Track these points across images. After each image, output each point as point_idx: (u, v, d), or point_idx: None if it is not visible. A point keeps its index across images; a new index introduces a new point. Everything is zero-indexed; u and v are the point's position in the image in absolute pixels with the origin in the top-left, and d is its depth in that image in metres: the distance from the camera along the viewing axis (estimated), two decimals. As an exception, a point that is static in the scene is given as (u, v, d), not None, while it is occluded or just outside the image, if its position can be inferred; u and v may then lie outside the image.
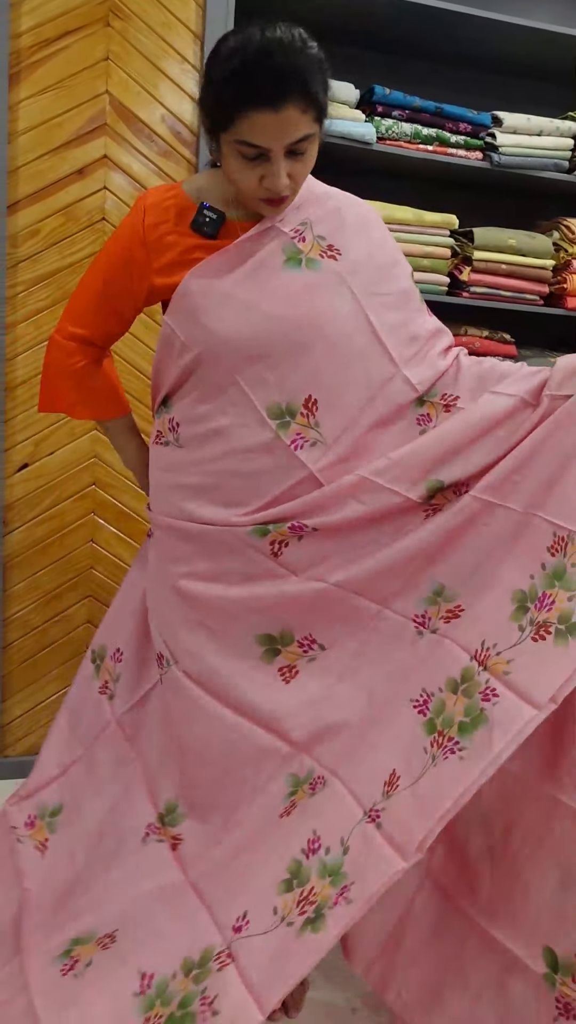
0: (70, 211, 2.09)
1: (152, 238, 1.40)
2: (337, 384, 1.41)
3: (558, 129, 2.44)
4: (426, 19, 2.30)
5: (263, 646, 1.45)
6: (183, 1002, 1.27)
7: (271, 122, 1.24)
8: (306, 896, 1.28)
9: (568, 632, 1.23)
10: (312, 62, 1.27)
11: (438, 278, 2.43)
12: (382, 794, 1.29)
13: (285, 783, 1.40)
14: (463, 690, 1.29)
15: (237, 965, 1.27)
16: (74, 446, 2.19)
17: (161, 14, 2.06)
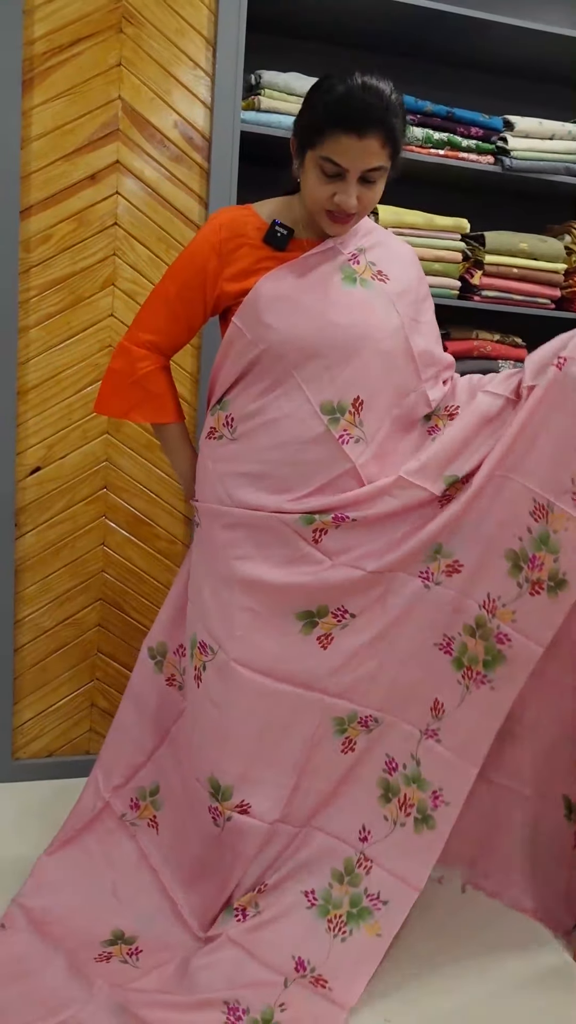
0: (82, 216, 2.10)
1: (226, 249, 1.60)
2: (377, 389, 1.61)
3: (570, 133, 2.44)
4: (438, 24, 2.30)
5: (302, 620, 1.67)
6: (353, 901, 1.67)
7: (354, 146, 1.44)
8: (404, 802, 1.69)
9: (557, 587, 1.57)
10: (396, 108, 1.48)
11: (449, 282, 2.43)
12: (432, 717, 1.67)
13: (331, 724, 1.70)
14: (480, 634, 1.63)
15: (378, 864, 1.68)
16: (86, 450, 2.20)
17: (174, 20, 2.07)
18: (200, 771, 1.71)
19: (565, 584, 1.57)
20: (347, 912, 1.66)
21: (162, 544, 2.31)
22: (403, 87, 2.32)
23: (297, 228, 1.62)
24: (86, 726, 2.36)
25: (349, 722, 1.71)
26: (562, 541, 1.56)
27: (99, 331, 2.16)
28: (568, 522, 1.55)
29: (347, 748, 1.72)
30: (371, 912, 1.66)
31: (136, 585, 2.31)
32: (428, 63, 2.56)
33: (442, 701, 1.67)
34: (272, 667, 1.67)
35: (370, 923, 1.65)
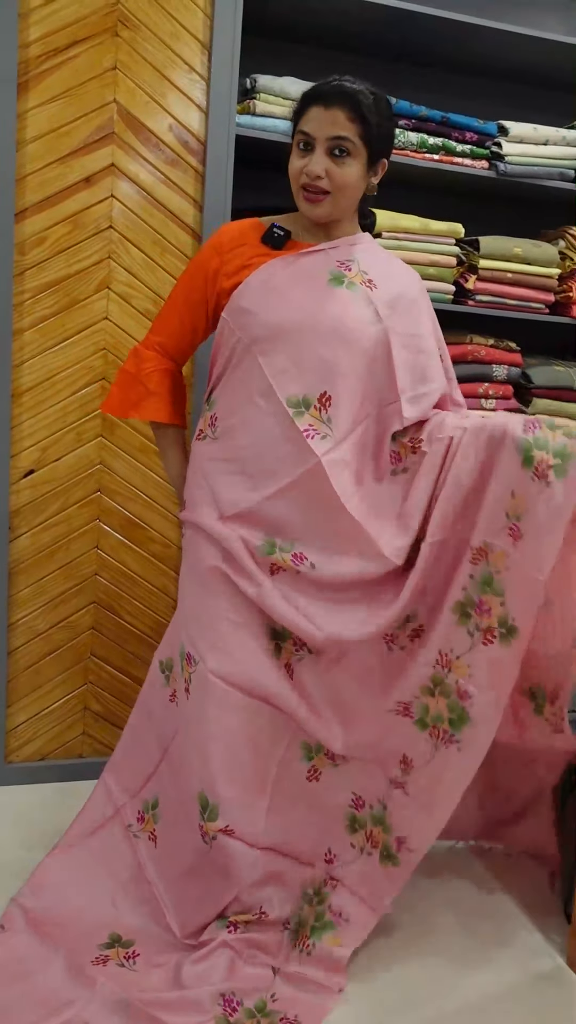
0: (77, 219, 2.10)
1: (226, 249, 1.67)
2: (350, 389, 1.61)
3: (564, 139, 2.45)
4: (432, 29, 2.31)
5: (272, 640, 1.68)
6: (317, 917, 1.69)
7: (320, 115, 1.54)
8: (370, 836, 1.69)
9: (509, 634, 1.52)
10: (370, 95, 1.56)
11: (444, 286, 2.43)
12: (400, 771, 1.65)
13: (299, 748, 1.70)
14: (440, 691, 1.59)
15: (343, 885, 1.71)
16: (80, 452, 2.20)
17: (169, 24, 2.07)
18: (191, 787, 1.69)
19: (516, 632, 1.51)
20: (312, 926, 1.68)
21: (156, 548, 2.31)
22: (398, 92, 2.35)
23: (296, 233, 1.67)
24: (79, 729, 2.35)
25: (316, 751, 1.71)
26: (506, 582, 1.50)
27: (93, 334, 2.16)
28: (508, 558, 1.49)
29: (312, 777, 1.72)
30: (333, 925, 1.68)
31: (130, 588, 2.31)
32: (423, 68, 2.57)
33: (411, 757, 1.64)
34: (249, 682, 1.65)
35: (332, 934, 1.68)
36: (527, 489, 1.47)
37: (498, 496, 1.50)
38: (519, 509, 1.47)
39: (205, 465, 1.70)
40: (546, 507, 1.45)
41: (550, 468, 1.45)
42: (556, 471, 1.44)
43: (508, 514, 1.49)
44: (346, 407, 1.61)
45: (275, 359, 1.60)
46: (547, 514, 1.45)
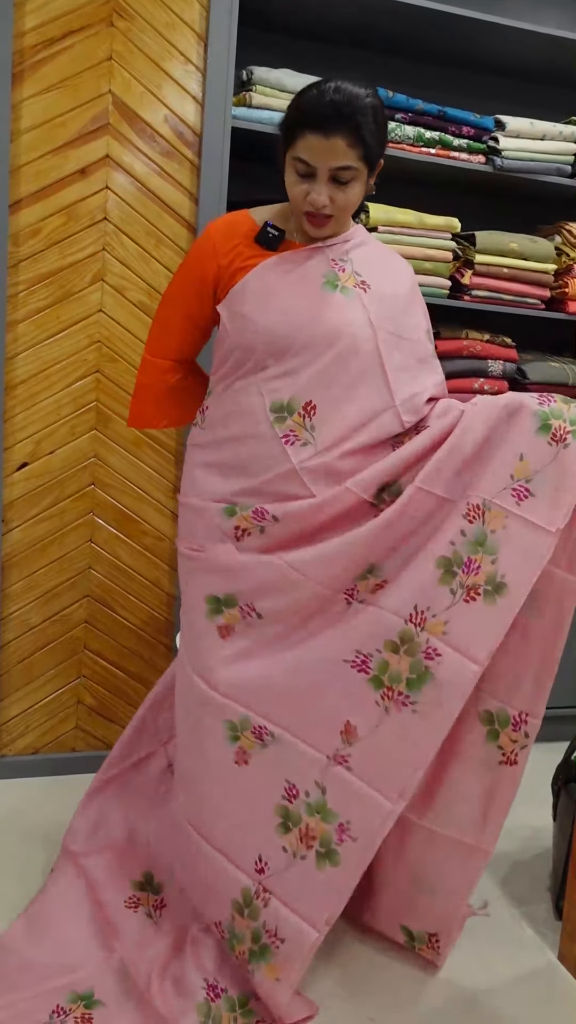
0: (72, 210, 2.08)
1: (222, 251, 1.63)
2: (339, 398, 1.58)
3: (561, 133, 2.44)
4: (430, 23, 2.30)
5: (209, 604, 1.64)
6: (254, 938, 1.56)
7: (320, 145, 1.48)
8: (306, 833, 1.54)
9: (495, 591, 1.47)
10: (368, 108, 1.49)
11: (440, 281, 2.43)
12: (342, 742, 1.53)
13: (223, 727, 1.61)
14: (404, 650, 1.50)
15: (277, 897, 1.54)
16: (74, 445, 2.19)
17: (165, 14, 2.06)
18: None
19: (504, 588, 1.47)
20: (249, 949, 1.56)
21: (150, 541, 2.30)
22: (395, 86, 2.34)
23: (289, 232, 1.64)
24: (72, 723, 2.35)
25: (241, 728, 1.59)
26: (501, 540, 1.48)
27: (88, 326, 2.15)
28: (507, 518, 1.48)
29: (240, 760, 1.59)
30: (270, 950, 1.54)
31: (124, 582, 2.30)
32: (420, 62, 2.56)
33: (354, 724, 1.52)
34: (189, 655, 1.68)
35: (271, 963, 1.54)
36: (540, 452, 1.50)
37: (505, 460, 1.51)
38: (527, 471, 1.50)
39: (191, 452, 1.71)
40: (562, 467, 1.50)
41: (569, 433, 1.51)
42: (575, 436, 1.51)
43: (513, 476, 1.51)
44: (334, 417, 1.58)
45: (266, 363, 1.59)
46: (563, 473, 1.50)
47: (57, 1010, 1.51)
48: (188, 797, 1.68)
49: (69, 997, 1.54)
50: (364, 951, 1.78)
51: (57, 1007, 1.52)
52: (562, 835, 1.96)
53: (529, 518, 1.49)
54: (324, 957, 1.75)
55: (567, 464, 1.50)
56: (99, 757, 2.35)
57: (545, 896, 2.01)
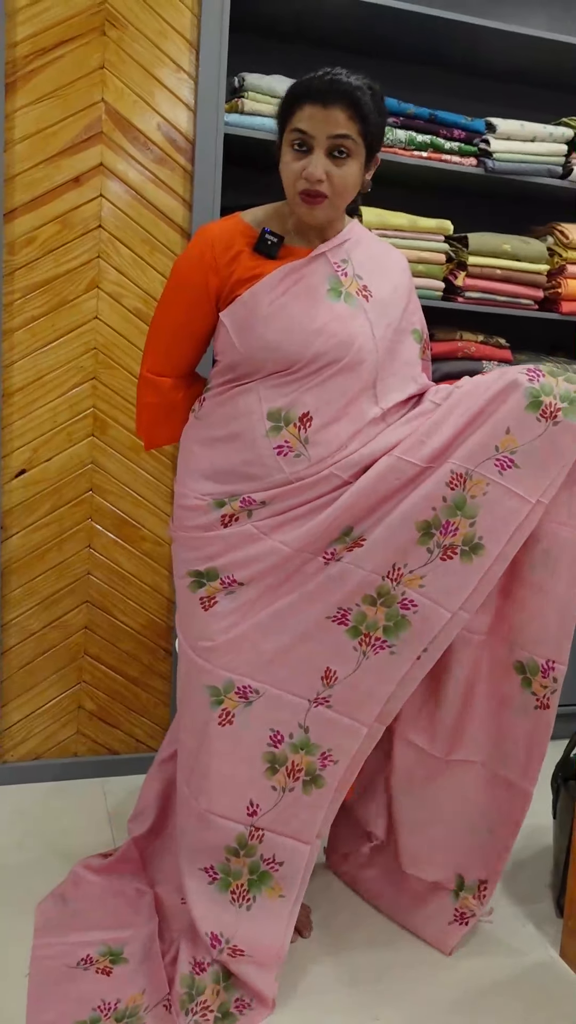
0: (66, 219, 2.10)
1: (222, 262, 1.60)
2: (336, 413, 1.59)
3: (551, 135, 2.45)
4: (419, 27, 2.32)
5: (191, 577, 1.67)
6: (251, 869, 1.64)
7: (318, 114, 1.48)
8: (292, 768, 1.64)
9: (472, 551, 1.57)
10: (367, 87, 1.51)
11: (433, 283, 2.44)
12: (323, 685, 1.62)
13: (206, 693, 1.65)
14: (381, 603, 1.59)
15: (271, 832, 1.63)
16: (72, 452, 2.20)
17: (156, 23, 2.07)
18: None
19: (481, 548, 1.56)
20: (248, 880, 1.65)
21: (148, 546, 2.31)
22: (386, 90, 2.31)
23: (288, 235, 1.61)
24: (73, 728, 2.36)
25: (225, 692, 1.64)
26: (482, 505, 1.56)
27: (84, 333, 2.16)
28: (488, 485, 1.55)
29: (224, 721, 1.64)
30: (270, 875, 1.64)
31: (122, 587, 2.31)
32: (411, 66, 2.57)
33: (334, 670, 1.62)
34: (179, 627, 1.73)
35: (270, 885, 1.64)
36: (529, 427, 1.56)
37: (492, 433, 1.56)
38: (512, 444, 1.56)
39: (186, 445, 1.72)
40: (551, 443, 1.56)
41: (559, 410, 1.56)
42: (566, 413, 1.56)
43: (498, 447, 1.56)
44: (326, 434, 1.59)
45: (267, 371, 1.59)
46: (552, 449, 1.56)
47: (86, 959, 1.68)
48: (182, 759, 1.73)
49: (101, 950, 1.70)
50: (363, 947, 1.79)
51: (87, 956, 1.69)
52: (562, 832, 1.98)
53: (510, 487, 1.56)
54: (329, 952, 1.77)
55: (557, 440, 1.56)
56: (100, 762, 2.37)
57: (546, 894, 2.02)
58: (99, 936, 1.73)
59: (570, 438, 1.56)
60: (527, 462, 1.56)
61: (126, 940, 1.72)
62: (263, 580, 1.64)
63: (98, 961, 1.67)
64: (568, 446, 1.57)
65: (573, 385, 1.59)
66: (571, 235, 2.50)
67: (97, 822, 2.16)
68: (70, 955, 1.69)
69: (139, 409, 1.78)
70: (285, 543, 1.60)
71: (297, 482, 1.59)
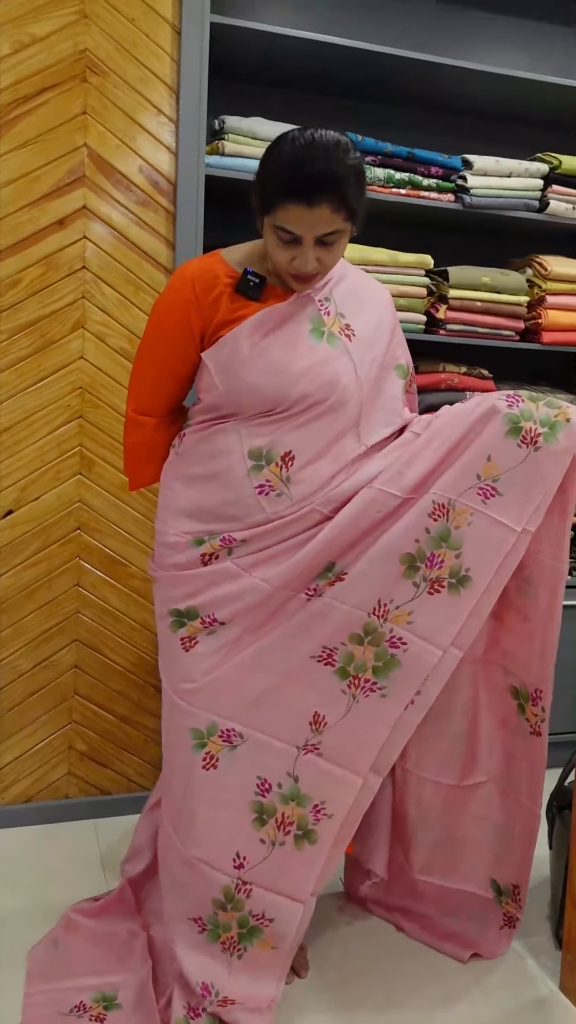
0: (51, 260, 2.12)
1: (205, 303, 1.59)
2: (320, 453, 1.58)
3: (527, 170, 2.50)
4: (394, 68, 2.37)
5: (172, 617, 1.65)
6: (240, 923, 1.60)
7: (305, 215, 1.45)
8: (282, 821, 1.58)
9: (460, 584, 1.54)
10: (350, 170, 1.46)
11: (415, 316, 2.47)
12: (312, 731, 1.58)
13: (189, 736, 1.62)
14: (369, 641, 1.55)
15: (258, 887, 1.59)
16: (59, 491, 2.21)
17: (137, 69, 2.11)
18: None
19: (468, 581, 1.54)
20: (237, 933, 1.60)
21: (137, 583, 2.31)
22: (363, 129, 2.40)
23: (269, 276, 1.60)
24: (64, 769, 2.33)
25: (208, 734, 1.61)
26: (466, 536, 1.53)
27: (70, 373, 2.17)
28: (472, 515, 1.53)
29: (209, 765, 1.61)
30: (260, 930, 1.59)
31: (112, 625, 2.31)
32: (387, 106, 2.62)
33: (323, 714, 1.57)
34: (161, 668, 1.72)
35: (262, 939, 1.59)
36: (510, 454, 1.54)
37: (472, 461, 1.55)
38: (494, 471, 1.55)
39: (167, 481, 1.71)
40: (534, 470, 1.55)
41: (540, 435, 1.55)
42: (546, 438, 1.55)
43: (480, 475, 1.55)
44: (308, 472, 1.57)
45: (249, 412, 1.58)
46: (534, 476, 1.55)
47: (79, 1006, 1.64)
48: (168, 804, 1.71)
49: (94, 996, 1.66)
50: (358, 980, 1.77)
51: (80, 1003, 1.64)
52: (559, 863, 1.96)
53: (495, 516, 1.54)
54: (326, 991, 1.74)
55: (539, 466, 1.55)
56: (92, 803, 2.34)
57: (545, 926, 2.00)
58: (92, 981, 1.70)
59: (552, 463, 1.56)
60: (510, 490, 1.54)
61: (119, 985, 1.68)
62: (244, 619, 1.61)
63: (91, 1008, 1.63)
64: (550, 471, 1.56)
65: (553, 410, 1.58)
66: (550, 267, 2.55)
67: (89, 865, 2.14)
68: (63, 1002, 1.65)
69: (124, 449, 1.79)
70: (266, 580, 1.58)
71: (277, 520, 1.57)
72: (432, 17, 2.65)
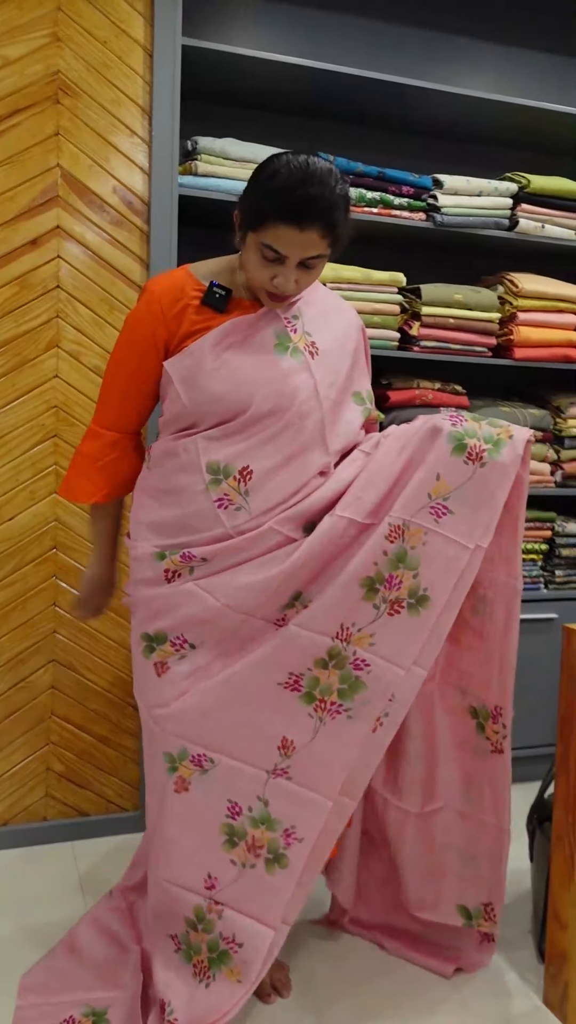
0: (24, 280, 2.12)
1: (170, 315, 1.61)
2: (278, 466, 1.59)
3: (496, 189, 2.54)
4: (368, 90, 2.40)
5: (144, 642, 1.66)
6: (211, 947, 1.60)
7: (294, 237, 1.47)
8: (252, 844, 1.59)
9: (419, 603, 1.56)
10: (340, 199, 1.50)
11: (389, 334, 2.49)
12: (280, 756, 1.59)
13: (163, 760, 1.63)
14: (333, 664, 1.57)
15: (230, 907, 1.59)
16: (34, 510, 2.20)
17: (110, 91, 2.13)
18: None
19: (427, 600, 1.55)
20: (207, 957, 1.61)
21: (114, 603, 2.29)
22: (335, 150, 2.43)
23: (236, 289, 1.63)
24: (42, 791, 2.31)
25: (180, 759, 1.62)
26: (422, 556, 1.55)
27: (44, 392, 2.17)
28: (426, 535, 1.55)
29: (180, 788, 1.62)
30: (229, 955, 1.59)
31: (89, 644, 2.29)
32: (359, 126, 2.66)
33: (291, 739, 1.58)
34: (136, 692, 1.72)
35: (230, 967, 1.59)
36: (458, 471, 1.57)
37: (423, 480, 1.57)
38: (445, 490, 1.57)
39: (137, 493, 1.71)
40: (482, 486, 1.57)
41: (484, 451, 1.57)
42: (490, 454, 1.58)
43: (431, 495, 1.57)
44: (268, 486, 1.58)
45: (208, 424, 1.59)
46: (482, 492, 1.57)
47: (69, 1019, 1.63)
48: (148, 821, 1.73)
49: (84, 1010, 1.65)
50: (340, 998, 1.76)
51: (70, 1017, 1.64)
52: (540, 876, 1.96)
53: (447, 534, 1.57)
54: (310, 1012, 1.72)
55: (487, 483, 1.57)
56: (70, 825, 2.32)
57: (528, 940, 2.00)
58: (84, 996, 1.69)
59: (498, 478, 1.58)
60: (460, 507, 1.57)
61: (111, 1001, 1.67)
62: (215, 644, 1.62)
63: (81, 1022, 1.63)
64: (498, 486, 1.58)
65: (496, 428, 1.61)
66: (521, 284, 2.58)
67: (68, 888, 2.11)
68: (53, 1016, 1.65)
69: (74, 456, 1.75)
70: (231, 606, 1.58)
71: (237, 536, 1.57)
72: (403, 40, 2.69)
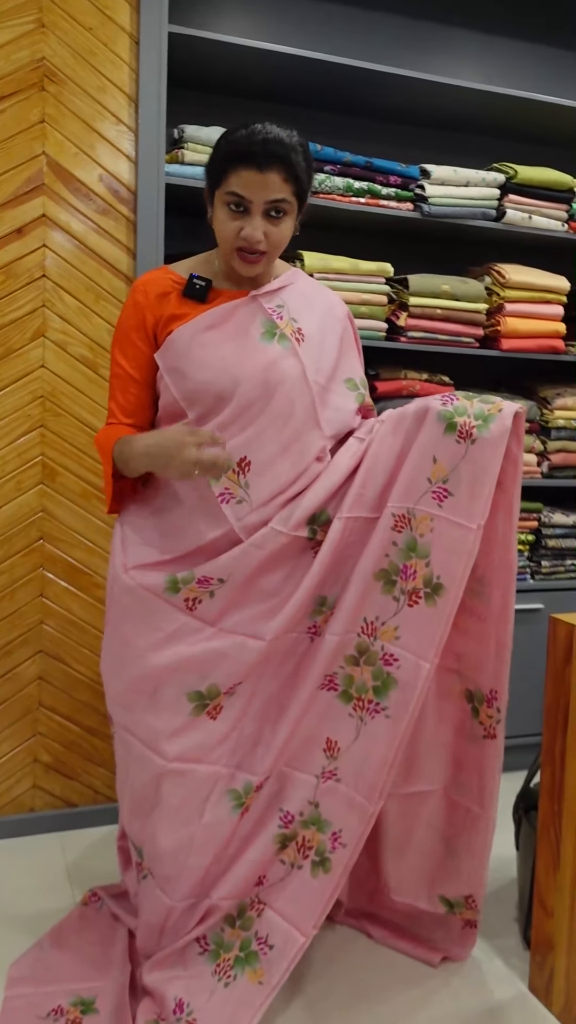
0: (10, 269, 2.11)
1: (154, 300, 1.63)
2: (273, 454, 1.60)
3: (484, 180, 2.54)
4: (355, 79, 2.39)
5: (193, 702, 1.62)
6: (243, 946, 1.62)
7: (255, 179, 1.50)
8: (302, 844, 1.63)
9: (434, 592, 1.57)
10: (298, 144, 1.54)
11: (376, 324, 2.49)
12: (327, 758, 1.62)
13: (228, 799, 1.64)
14: (364, 660, 1.61)
15: (271, 908, 1.62)
16: (21, 501, 2.19)
17: (95, 78, 2.11)
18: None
19: (441, 589, 1.57)
20: (235, 956, 1.61)
21: (102, 593, 2.29)
22: (322, 139, 2.42)
23: (216, 279, 1.64)
24: (29, 782, 2.30)
25: (246, 793, 1.64)
26: (432, 543, 1.57)
27: (31, 382, 2.16)
28: (432, 521, 1.56)
29: (244, 812, 1.65)
30: (257, 957, 1.60)
31: (77, 635, 2.29)
32: (346, 116, 2.65)
33: (335, 739, 1.62)
34: (157, 742, 1.62)
35: (255, 968, 1.60)
36: (451, 451, 1.57)
37: (418, 465, 1.58)
38: (443, 472, 1.57)
39: (124, 526, 1.70)
40: (474, 463, 1.56)
41: (474, 428, 1.57)
42: (480, 429, 1.57)
43: (431, 479, 1.57)
44: (268, 473, 1.59)
45: (198, 409, 1.59)
46: (475, 469, 1.56)
47: (56, 1009, 1.64)
48: (169, 868, 1.67)
49: (72, 1000, 1.66)
50: (327, 985, 1.77)
51: (58, 1007, 1.65)
52: (525, 864, 1.98)
53: (451, 517, 1.57)
54: (301, 1008, 1.73)
55: (478, 459, 1.57)
56: (57, 816, 2.32)
57: (513, 927, 2.01)
58: (71, 986, 1.70)
59: (489, 452, 1.57)
60: (459, 488, 1.57)
61: (99, 991, 1.68)
62: (260, 673, 1.64)
63: (68, 1011, 1.63)
64: (490, 461, 1.57)
65: (487, 404, 1.61)
66: (508, 275, 2.58)
67: (55, 880, 2.11)
68: (41, 1005, 1.65)
69: (96, 441, 1.70)
70: (256, 635, 1.60)
71: (244, 536, 1.58)
72: (391, 29, 2.68)
